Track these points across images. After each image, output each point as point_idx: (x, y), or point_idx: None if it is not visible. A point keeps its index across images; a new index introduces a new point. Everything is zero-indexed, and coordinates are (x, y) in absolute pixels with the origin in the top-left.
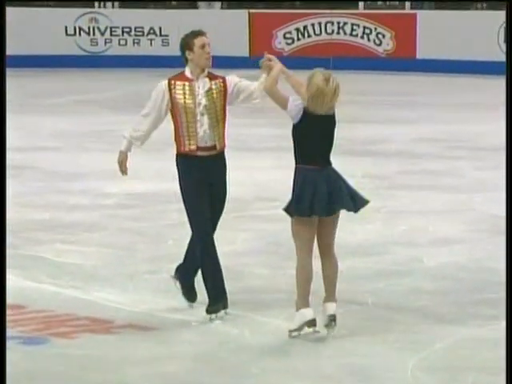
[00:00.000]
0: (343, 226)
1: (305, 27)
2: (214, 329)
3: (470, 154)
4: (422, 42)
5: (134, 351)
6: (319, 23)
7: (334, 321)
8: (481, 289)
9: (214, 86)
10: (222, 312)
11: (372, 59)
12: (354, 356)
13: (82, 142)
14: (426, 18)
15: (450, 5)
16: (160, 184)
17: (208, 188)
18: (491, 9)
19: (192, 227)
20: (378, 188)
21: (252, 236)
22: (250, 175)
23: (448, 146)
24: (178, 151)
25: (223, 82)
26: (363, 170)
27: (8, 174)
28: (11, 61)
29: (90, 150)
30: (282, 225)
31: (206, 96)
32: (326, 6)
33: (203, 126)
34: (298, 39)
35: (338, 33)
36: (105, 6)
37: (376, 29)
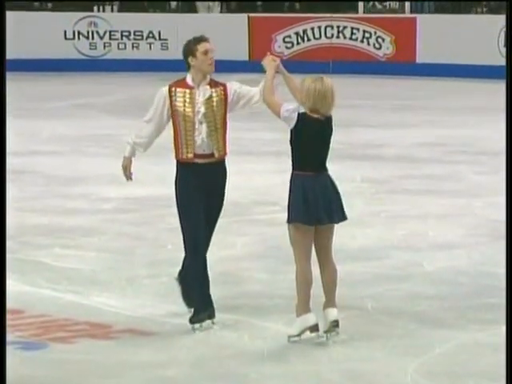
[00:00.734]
0: (342, 230)
1: (304, 31)
2: (214, 334)
3: (470, 158)
4: (421, 46)
5: (134, 356)
6: (319, 27)
7: (337, 326)
8: (480, 293)
9: (214, 94)
10: (207, 322)
11: (372, 63)
12: (354, 361)
13: (80, 147)
14: (426, 22)
15: (450, 8)
16: (159, 188)
17: (204, 195)
18: (491, 13)
19: (183, 233)
20: (378, 192)
21: (252, 240)
22: (249, 179)
23: (448, 151)
24: (177, 158)
25: (224, 89)
26: (362, 175)
27: (7, 179)
28: (10, 65)
29: (88, 155)
30: (282, 229)
31: (205, 104)
32: (326, 9)
33: (201, 135)
34: (298, 43)
35: (338, 37)
36: (104, 10)
37: (376, 33)
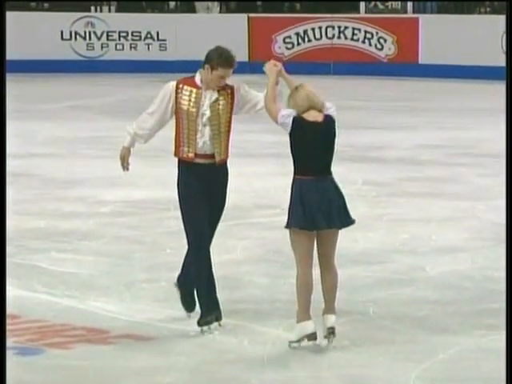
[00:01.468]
0: (344, 234)
1: (305, 31)
2: (213, 339)
3: (473, 160)
4: (424, 47)
5: (132, 362)
6: (320, 27)
7: (333, 333)
8: (484, 298)
9: (221, 98)
10: (215, 324)
11: (373, 64)
12: (355, 367)
13: (77, 149)
14: (429, 23)
15: (453, 9)
16: (157, 191)
17: (206, 197)
18: (495, 13)
19: (187, 237)
20: (379, 195)
21: (252, 244)
22: (249, 182)
23: (450, 153)
24: (177, 155)
25: (231, 92)
26: (364, 177)
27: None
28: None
29: (86, 157)
30: (283, 232)
31: (210, 107)
32: (327, 10)
33: (203, 137)
34: (298, 44)
35: (339, 37)
36: (101, 10)
37: (377, 33)
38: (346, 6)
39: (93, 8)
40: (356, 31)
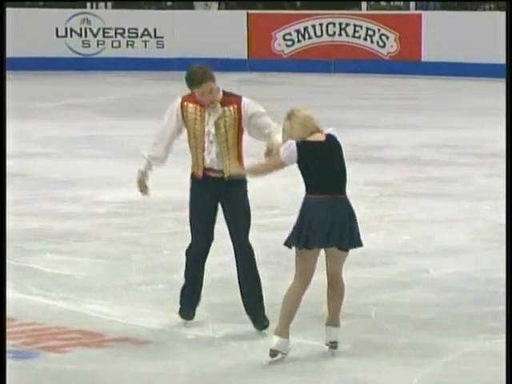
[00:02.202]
0: None
1: (305, 28)
2: (212, 342)
3: (478, 160)
4: (427, 44)
5: (128, 366)
6: (320, 24)
7: (335, 348)
8: (488, 301)
9: (227, 114)
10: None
11: (375, 62)
12: (357, 371)
13: (73, 148)
14: (432, 19)
15: (456, 5)
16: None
17: (215, 208)
18: (499, 9)
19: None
20: (382, 196)
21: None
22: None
23: (455, 152)
24: (191, 170)
25: (238, 107)
26: (366, 177)
27: None
28: None
29: (81, 157)
30: (283, 234)
31: (215, 125)
32: (328, 6)
33: (210, 155)
34: (299, 41)
35: (340, 34)
36: (97, 7)
37: (379, 30)
38: (347, 2)
39: (88, 4)
40: (358, 28)
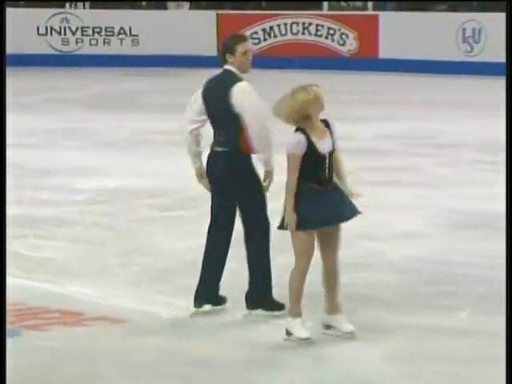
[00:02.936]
0: None
1: (271, 28)
2: (183, 320)
3: (430, 150)
4: (384, 42)
5: (105, 343)
6: (285, 24)
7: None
8: (440, 281)
9: None
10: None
11: (336, 59)
12: (319, 347)
13: (53, 140)
14: (388, 19)
15: (410, 6)
16: (130, 180)
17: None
18: (451, 10)
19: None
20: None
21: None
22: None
23: (410, 143)
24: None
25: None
26: None
27: None
28: None
29: (62, 148)
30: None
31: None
32: (292, 7)
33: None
34: (265, 39)
35: (303, 33)
36: (76, 7)
37: (340, 29)
38: (309, 3)
39: (68, 5)
40: (319, 27)
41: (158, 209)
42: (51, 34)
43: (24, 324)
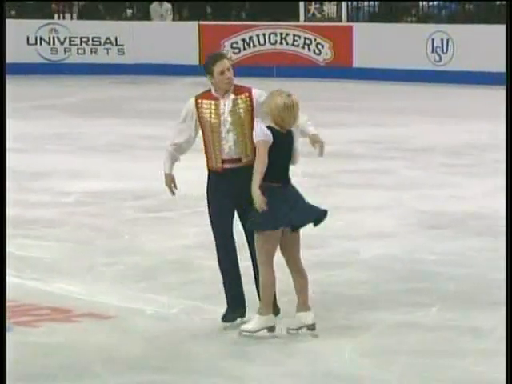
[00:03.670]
0: None
1: (250, 38)
2: (166, 317)
3: (402, 154)
4: (357, 52)
5: (92, 338)
6: (263, 34)
7: (314, 328)
8: (412, 278)
9: (239, 101)
10: (238, 320)
11: (312, 67)
12: (295, 342)
13: (43, 144)
14: (362, 30)
15: (382, 17)
16: (116, 183)
17: (235, 200)
18: (420, 22)
19: (214, 238)
20: (318, 186)
21: (202, 230)
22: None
23: (381, 148)
24: (208, 166)
25: (249, 95)
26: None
27: None
28: None
29: (50, 152)
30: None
31: (231, 113)
32: (270, 18)
33: (228, 143)
34: (244, 49)
35: (281, 43)
36: (64, 18)
37: (316, 39)
38: (287, 15)
39: (56, 16)
40: (296, 37)
41: (143, 210)
42: (40, 43)
43: (15, 320)
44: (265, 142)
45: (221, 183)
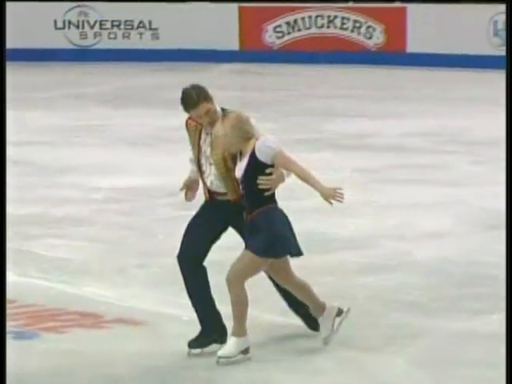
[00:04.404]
0: (333, 220)
1: (295, 21)
2: None
3: (461, 148)
4: (412, 36)
5: (124, 346)
6: (309, 17)
7: (347, 311)
8: (470, 283)
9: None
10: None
11: (362, 53)
12: (345, 350)
13: (71, 137)
14: (417, 12)
15: None
16: (149, 178)
17: (220, 224)
18: (482, 1)
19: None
20: (368, 182)
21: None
22: None
23: (438, 140)
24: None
25: None
26: (353, 164)
27: None
28: None
29: (79, 145)
30: None
31: (211, 145)
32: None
33: (210, 176)
34: (289, 33)
35: (328, 26)
36: (94, 0)
37: (366, 22)
38: None
39: None
40: (345, 20)
41: (177, 208)
42: (69, 27)
43: (41, 326)
44: (282, 149)
45: (210, 211)
